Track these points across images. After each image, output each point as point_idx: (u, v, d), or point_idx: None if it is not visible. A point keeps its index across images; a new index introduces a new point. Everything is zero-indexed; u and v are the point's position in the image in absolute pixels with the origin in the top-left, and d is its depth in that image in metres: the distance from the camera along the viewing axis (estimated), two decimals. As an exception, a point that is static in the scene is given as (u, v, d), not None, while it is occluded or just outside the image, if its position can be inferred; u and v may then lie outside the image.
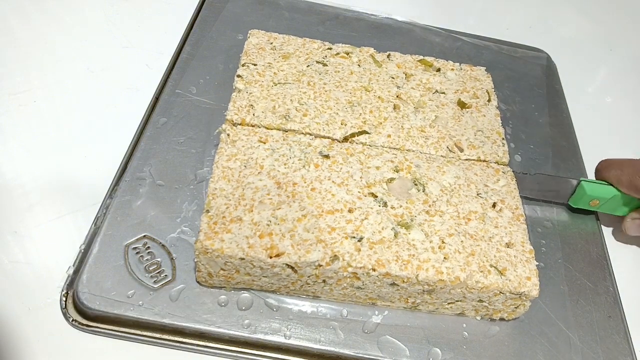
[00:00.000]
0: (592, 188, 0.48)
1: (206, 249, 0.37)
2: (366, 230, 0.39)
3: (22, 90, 0.51)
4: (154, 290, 0.39)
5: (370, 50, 0.55)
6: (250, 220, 0.38)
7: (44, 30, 0.57)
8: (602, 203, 0.49)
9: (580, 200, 0.49)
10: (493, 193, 0.44)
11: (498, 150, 0.48)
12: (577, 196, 0.49)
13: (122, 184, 0.44)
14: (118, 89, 0.53)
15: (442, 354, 0.40)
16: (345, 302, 0.41)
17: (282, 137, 0.45)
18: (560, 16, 0.79)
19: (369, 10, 0.68)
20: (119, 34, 0.59)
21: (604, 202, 0.49)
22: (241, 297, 0.40)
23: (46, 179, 0.45)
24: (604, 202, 0.49)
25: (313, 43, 0.54)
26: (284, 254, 0.37)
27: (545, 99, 0.63)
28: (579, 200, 0.49)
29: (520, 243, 0.41)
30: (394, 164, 0.44)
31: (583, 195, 0.49)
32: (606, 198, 0.48)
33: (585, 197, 0.49)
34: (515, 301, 0.40)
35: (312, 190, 0.41)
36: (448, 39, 0.67)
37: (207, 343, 0.38)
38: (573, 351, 0.42)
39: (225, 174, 0.41)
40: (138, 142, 0.48)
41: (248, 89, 0.48)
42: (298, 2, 0.66)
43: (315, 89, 0.49)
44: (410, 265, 0.38)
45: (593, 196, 0.48)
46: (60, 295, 0.39)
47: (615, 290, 0.47)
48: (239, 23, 0.61)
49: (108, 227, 0.42)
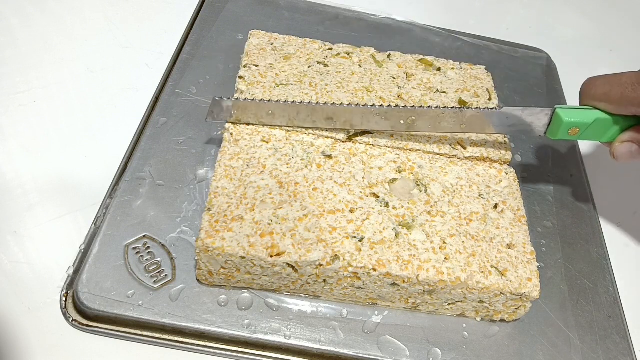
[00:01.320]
0: (569, 114, 0.43)
1: (207, 247, 0.37)
2: (367, 231, 0.39)
3: (22, 90, 0.51)
4: (154, 290, 0.39)
5: (370, 50, 0.55)
6: (251, 219, 0.38)
7: (44, 30, 0.57)
8: (583, 130, 0.44)
9: (558, 131, 0.44)
10: (495, 194, 0.44)
11: (500, 148, 0.48)
12: (554, 126, 0.44)
13: (122, 184, 0.44)
14: (118, 89, 0.53)
15: (442, 354, 0.40)
16: (345, 302, 0.41)
17: (285, 137, 0.45)
18: (560, 16, 0.79)
19: (369, 10, 0.68)
20: (119, 34, 0.59)
21: (585, 128, 0.44)
22: (241, 297, 0.40)
23: (46, 179, 0.45)
24: (585, 129, 0.44)
25: (314, 43, 0.54)
26: (285, 253, 0.37)
27: (545, 99, 0.63)
28: (557, 130, 0.44)
29: (521, 244, 0.41)
30: (396, 165, 0.45)
31: (560, 123, 0.43)
32: (587, 123, 0.43)
33: (562, 126, 0.43)
34: (516, 302, 0.40)
35: (313, 190, 0.41)
36: (448, 39, 0.67)
37: (207, 343, 0.38)
38: (573, 351, 0.42)
39: (228, 173, 0.41)
40: (138, 142, 0.48)
41: (250, 90, 0.48)
42: (298, 2, 0.67)
43: (317, 90, 0.49)
44: (411, 266, 0.38)
45: (571, 123, 0.43)
46: (60, 295, 0.39)
47: (615, 290, 0.47)
48: (239, 23, 0.61)
49: (108, 227, 0.41)
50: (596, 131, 0.44)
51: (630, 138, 0.43)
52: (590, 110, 0.44)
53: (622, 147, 0.44)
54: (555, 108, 0.44)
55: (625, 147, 0.43)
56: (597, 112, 0.43)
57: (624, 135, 0.44)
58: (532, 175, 0.54)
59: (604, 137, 0.45)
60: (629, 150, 0.43)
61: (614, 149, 0.44)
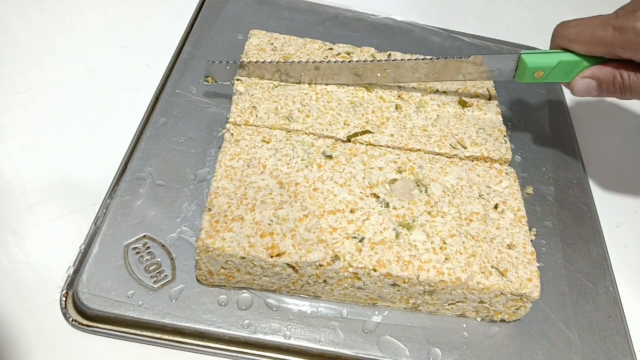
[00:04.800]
0: (532, 60, 0.47)
1: (207, 247, 0.37)
2: (367, 231, 0.39)
3: (22, 90, 0.51)
4: (153, 290, 0.39)
5: (370, 50, 0.55)
6: (251, 219, 0.38)
7: (44, 30, 0.57)
8: (548, 73, 0.47)
9: (524, 75, 0.48)
10: (495, 194, 0.44)
11: (501, 147, 0.48)
12: (520, 70, 0.48)
13: (122, 184, 0.44)
14: (118, 89, 0.53)
15: (442, 354, 0.40)
16: (345, 302, 0.41)
17: (286, 137, 0.45)
18: (560, 16, 0.78)
19: (369, 10, 0.68)
20: (119, 34, 0.59)
21: (549, 71, 0.47)
22: (241, 297, 0.40)
23: (46, 179, 0.45)
24: (549, 72, 0.47)
25: (314, 43, 0.54)
26: (285, 254, 0.37)
27: (545, 99, 0.63)
28: (523, 74, 0.48)
29: (521, 244, 0.41)
30: (396, 165, 0.45)
31: (525, 69, 0.47)
32: (551, 66, 0.47)
33: (527, 71, 0.47)
34: (516, 302, 0.40)
35: (314, 190, 0.41)
36: (448, 39, 0.67)
37: (207, 343, 0.38)
38: (573, 351, 0.42)
39: (228, 173, 0.41)
40: (138, 142, 0.48)
41: (249, 90, 0.48)
42: (298, 2, 0.66)
43: (317, 90, 0.49)
44: (411, 266, 0.38)
45: (535, 67, 0.47)
46: (60, 295, 0.39)
47: (615, 290, 0.47)
48: (239, 23, 0.61)
49: (108, 227, 0.41)
50: (560, 73, 0.47)
51: (591, 74, 0.46)
52: (554, 53, 0.47)
53: (581, 82, 0.47)
54: (520, 53, 0.47)
55: (585, 82, 0.46)
56: (560, 55, 0.47)
57: (585, 71, 0.47)
58: (532, 175, 0.54)
59: (567, 78, 0.48)
60: (587, 86, 0.47)
61: (574, 84, 0.47)
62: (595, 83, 0.46)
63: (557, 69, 0.47)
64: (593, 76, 0.46)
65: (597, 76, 0.46)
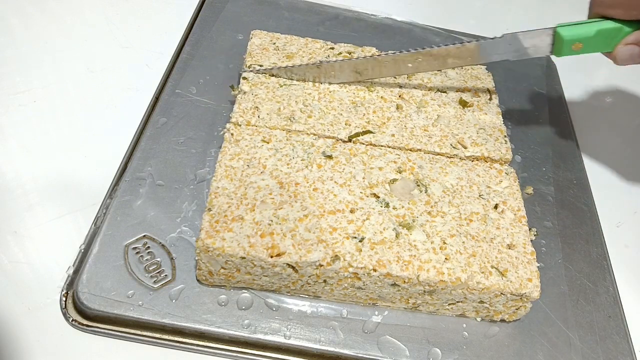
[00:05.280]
0: (569, 32, 0.45)
1: (207, 248, 0.37)
2: (367, 231, 0.39)
3: (22, 90, 0.51)
4: (153, 290, 0.39)
5: (372, 50, 0.55)
6: (251, 219, 0.38)
7: (44, 30, 0.57)
8: (587, 44, 0.45)
9: (562, 48, 0.45)
10: (495, 194, 0.44)
11: (501, 147, 0.48)
12: (557, 45, 0.46)
13: (122, 184, 0.44)
14: (118, 89, 0.53)
15: (442, 354, 0.40)
16: (345, 302, 0.41)
17: (286, 137, 0.45)
18: (560, 16, 0.78)
19: (369, 10, 0.68)
20: (119, 34, 0.59)
21: (587, 42, 0.45)
22: (241, 297, 0.40)
23: (46, 179, 0.45)
24: (588, 43, 0.45)
25: (315, 43, 0.54)
26: (285, 254, 0.37)
27: (545, 99, 0.63)
28: (560, 48, 0.46)
29: (521, 244, 0.41)
30: (397, 165, 0.44)
31: (562, 42, 0.45)
32: (589, 37, 0.45)
33: (565, 44, 0.45)
34: (516, 302, 0.40)
35: (314, 190, 0.41)
36: (448, 39, 0.67)
37: (207, 343, 0.38)
38: (573, 351, 0.42)
39: (228, 173, 0.41)
40: (138, 142, 0.48)
41: (254, 90, 0.48)
42: (298, 2, 0.67)
43: (319, 90, 0.49)
44: (412, 266, 0.38)
45: (573, 40, 0.45)
46: (60, 295, 0.39)
47: (615, 290, 0.47)
48: (239, 23, 0.61)
49: (108, 227, 0.41)
50: (599, 43, 0.45)
51: (634, 40, 0.44)
52: (592, 23, 0.45)
53: (625, 49, 0.44)
54: (556, 26, 0.45)
55: (629, 49, 0.44)
56: (599, 23, 0.45)
57: (628, 37, 0.44)
58: (532, 175, 0.54)
59: (609, 47, 0.46)
60: (631, 53, 0.44)
61: (617, 52, 0.45)
62: (639, 49, 0.44)
63: (597, 39, 0.45)
64: (637, 42, 0.44)
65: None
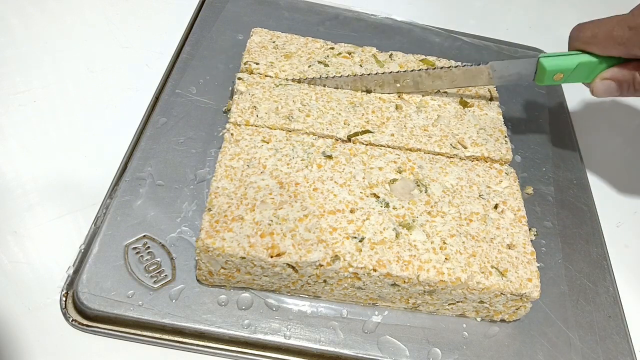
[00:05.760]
0: (551, 63, 0.47)
1: (207, 248, 0.37)
2: (367, 231, 0.39)
3: (22, 90, 0.51)
4: (153, 290, 0.39)
5: (372, 50, 0.55)
6: (251, 219, 0.38)
7: (44, 30, 0.57)
8: (568, 75, 0.47)
9: (544, 78, 0.47)
10: (495, 194, 0.44)
11: (501, 147, 0.48)
12: (540, 75, 0.48)
13: (122, 184, 0.44)
14: (118, 89, 0.53)
15: (442, 354, 0.40)
16: (345, 302, 0.41)
17: (286, 137, 0.45)
18: (560, 16, 0.79)
19: (369, 10, 0.68)
20: (119, 34, 0.59)
21: (568, 73, 0.47)
22: (241, 297, 0.40)
23: (46, 179, 0.45)
24: (569, 74, 0.47)
25: (315, 42, 0.54)
26: (285, 254, 0.37)
27: (545, 99, 0.63)
28: (542, 77, 0.47)
29: (521, 244, 0.41)
30: (396, 165, 0.44)
31: (544, 72, 0.47)
32: (570, 69, 0.47)
33: (547, 74, 0.47)
34: (516, 302, 0.40)
35: (314, 190, 0.41)
36: (448, 39, 0.67)
37: (207, 343, 0.38)
38: (573, 351, 0.42)
39: (228, 173, 0.41)
40: (138, 142, 0.48)
41: (250, 90, 0.48)
42: (298, 2, 0.66)
43: (317, 90, 0.49)
44: (411, 266, 0.38)
45: (554, 71, 0.47)
46: (60, 295, 0.39)
47: (615, 290, 0.47)
48: (239, 23, 0.61)
49: (108, 227, 0.41)
50: (580, 75, 0.47)
51: (610, 76, 0.46)
52: (573, 55, 0.47)
53: (601, 84, 0.47)
54: (539, 57, 0.47)
55: (605, 84, 0.47)
56: (579, 56, 0.46)
57: (605, 72, 0.47)
58: (532, 175, 0.54)
59: (588, 78, 0.48)
60: (607, 88, 0.47)
61: (594, 85, 0.47)
62: (615, 84, 0.46)
63: (577, 71, 0.47)
64: (613, 77, 0.46)
65: (616, 77, 0.46)
